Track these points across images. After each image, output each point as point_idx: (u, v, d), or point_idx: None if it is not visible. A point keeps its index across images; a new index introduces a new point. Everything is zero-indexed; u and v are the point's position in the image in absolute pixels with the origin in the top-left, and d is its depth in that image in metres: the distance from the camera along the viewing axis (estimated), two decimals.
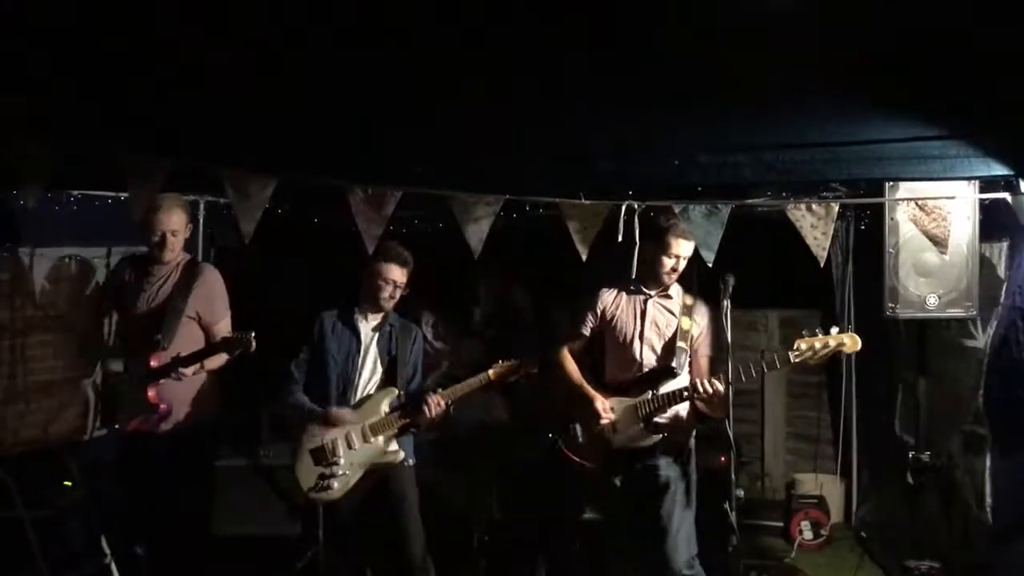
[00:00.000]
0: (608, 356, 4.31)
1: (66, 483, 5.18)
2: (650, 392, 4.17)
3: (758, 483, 7.33)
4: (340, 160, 3.72)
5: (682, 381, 4.17)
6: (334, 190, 3.59)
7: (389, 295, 4.32)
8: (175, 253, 4.35)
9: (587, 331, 4.35)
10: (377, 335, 4.39)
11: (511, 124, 3.58)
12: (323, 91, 3.38)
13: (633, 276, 3.62)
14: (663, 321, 4.23)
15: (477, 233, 3.57)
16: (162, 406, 4.24)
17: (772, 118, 3.48)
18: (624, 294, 4.28)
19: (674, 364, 4.14)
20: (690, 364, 4.16)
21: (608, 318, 4.28)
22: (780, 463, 7.36)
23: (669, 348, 4.19)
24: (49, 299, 5.27)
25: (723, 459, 4.74)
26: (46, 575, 4.80)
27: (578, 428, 4.31)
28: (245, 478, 5.61)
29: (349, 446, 4.28)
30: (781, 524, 6.50)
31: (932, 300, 3.87)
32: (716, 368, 4.11)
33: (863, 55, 2.96)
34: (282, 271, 6.31)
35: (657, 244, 4.04)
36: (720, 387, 3.93)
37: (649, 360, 4.22)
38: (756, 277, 4.34)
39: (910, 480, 4.17)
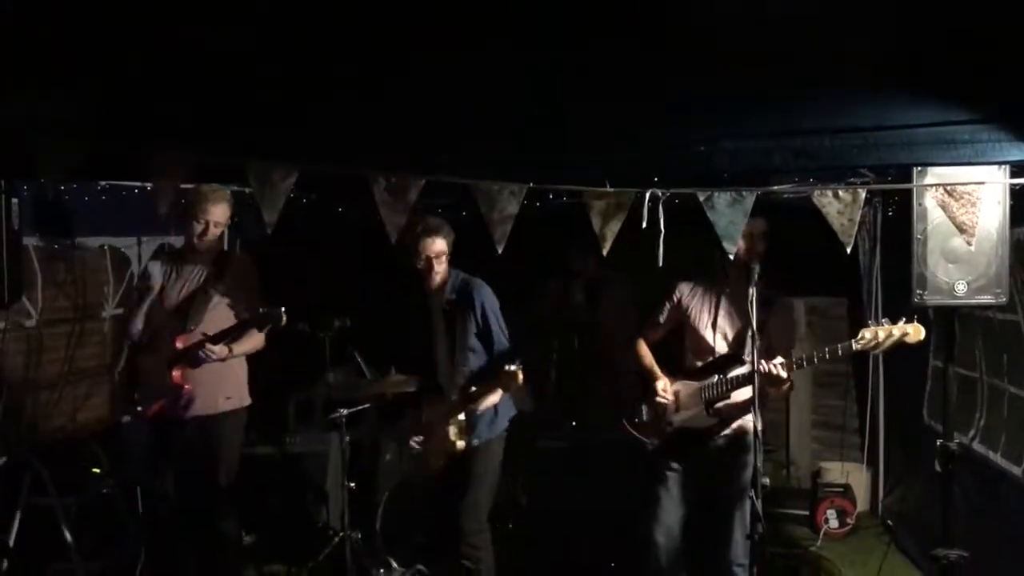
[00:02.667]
0: (687, 343, 4.49)
1: (95, 470, 5.25)
2: (716, 376, 4.30)
3: (783, 471, 7.31)
4: (363, 149, 3.72)
5: (748, 369, 4.19)
6: (357, 179, 3.59)
7: (435, 267, 4.40)
8: (212, 244, 4.42)
9: (662, 320, 4.55)
10: (442, 310, 4.50)
11: (535, 113, 3.56)
12: (347, 81, 3.38)
13: (660, 264, 3.59)
14: (737, 310, 4.31)
15: (501, 222, 3.56)
16: (186, 387, 4.30)
17: (799, 103, 3.44)
18: (700, 284, 4.45)
19: (745, 354, 4.20)
20: (764, 354, 4.08)
21: (685, 308, 4.45)
22: (806, 452, 7.33)
23: (741, 337, 4.26)
24: (80, 288, 5.33)
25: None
26: (78, 562, 4.87)
27: (644, 408, 4.51)
28: (272, 466, 5.65)
29: (433, 434, 4.49)
30: (807, 513, 6.49)
31: (961, 287, 3.82)
32: (788, 357, 4.15)
33: (892, 39, 2.92)
34: (311, 261, 6.36)
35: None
36: (782, 372, 4.02)
37: (722, 348, 4.35)
38: (782, 265, 4.34)
39: (938, 468, 4.13)
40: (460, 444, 4.41)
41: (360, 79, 3.37)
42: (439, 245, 4.37)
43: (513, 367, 4.17)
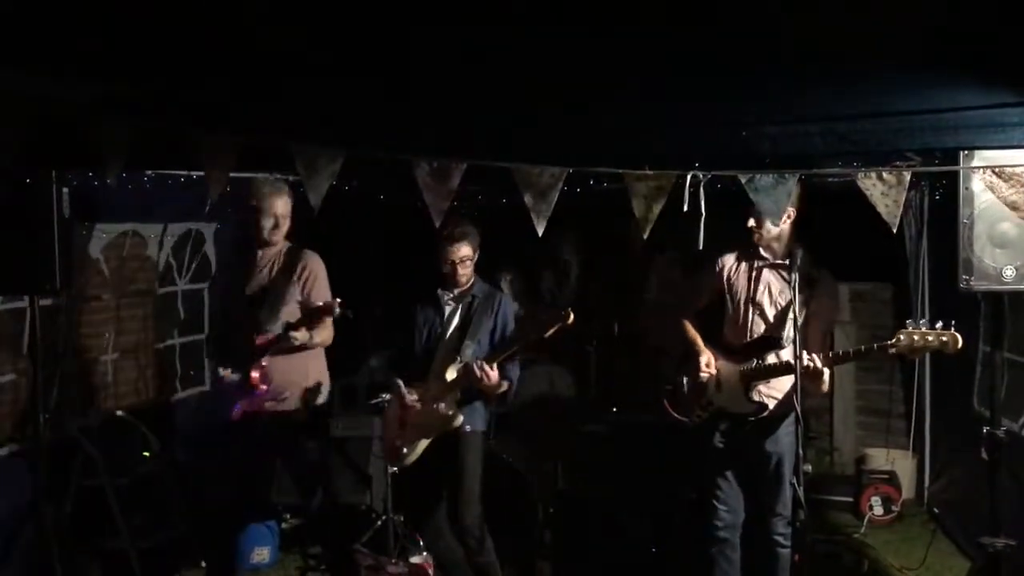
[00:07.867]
0: (725, 319, 4.41)
1: (145, 453, 5.36)
2: (755, 360, 4.23)
3: (827, 458, 7.26)
4: (406, 135, 3.74)
5: (788, 353, 4.14)
6: (401, 166, 3.62)
7: (459, 271, 4.43)
8: (281, 238, 4.45)
9: (703, 290, 4.50)
10: (459, 307, 4.51)
11: (575, 96, 3.55)
12: (391, 67, 3.40)
13: (700, 247, 3.58)
14: (777, 288, 4.26)
15: (542, 206, 3.57)
16: (262, 387, 4.33)
17: (844, 86, 3.40)
18: (743, 259, 4.36)
19: (783, 335, 4.15)
20: (804, 337, 4.01)
21: (726, 279, 4.38)
22: (850, 438, 7.27)
23: (780, 318, 4.21)
24: (106, 273, 5.41)
25: None
26: (128, 540, 4.98)
27: (685, 383, 4.44)
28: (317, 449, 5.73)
29: (415, 415, 4.39)
30: (851, 499, 6.44)
31: (1009, 272, 3.76)
32: (828, 344, 4.14)
33: (938, 20, 2.87)
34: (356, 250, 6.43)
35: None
36: (818, 364, 3.92)
37: (759, 327, 4.28)
38: (827, 250, 4.30)
39: (985, 456, 4.08)
40: (459, 420, 4.36)
41: (400, 66, 3.38)
42: (464, 251, 4.41)
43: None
